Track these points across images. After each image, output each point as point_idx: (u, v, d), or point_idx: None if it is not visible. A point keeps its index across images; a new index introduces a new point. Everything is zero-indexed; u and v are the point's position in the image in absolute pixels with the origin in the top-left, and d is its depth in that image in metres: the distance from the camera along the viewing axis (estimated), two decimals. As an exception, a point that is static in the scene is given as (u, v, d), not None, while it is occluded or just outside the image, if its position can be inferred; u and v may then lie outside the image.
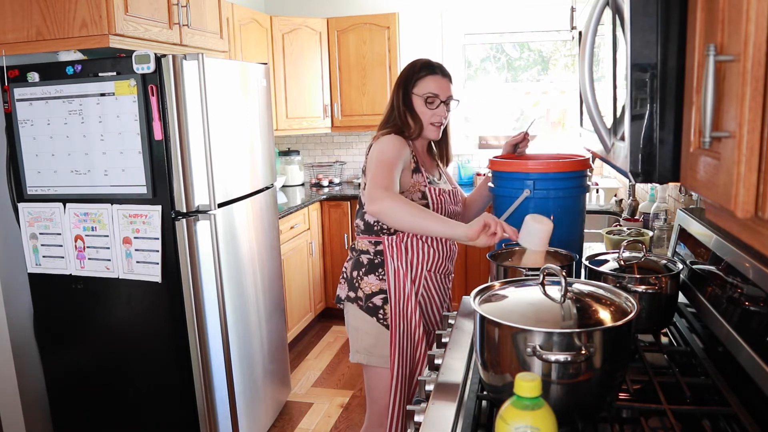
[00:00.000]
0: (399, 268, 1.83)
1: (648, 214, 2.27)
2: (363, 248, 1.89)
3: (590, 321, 1.00)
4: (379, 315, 1.85)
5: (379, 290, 1.85)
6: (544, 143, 4.16)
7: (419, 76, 1.82)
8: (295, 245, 3.65)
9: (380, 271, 1.85)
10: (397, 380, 1.83)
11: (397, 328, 1.82)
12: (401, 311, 1.83)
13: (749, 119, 0.59)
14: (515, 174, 1.79)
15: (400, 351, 1.83)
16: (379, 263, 1.86)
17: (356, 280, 1.89)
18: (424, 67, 1.83)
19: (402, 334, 1.84)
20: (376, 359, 1.87)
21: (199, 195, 2.25)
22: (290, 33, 4.05)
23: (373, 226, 1.86)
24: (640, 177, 0.92)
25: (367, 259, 1.87)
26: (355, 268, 1.90)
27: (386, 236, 1.84)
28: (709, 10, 0.72)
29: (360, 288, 1.87)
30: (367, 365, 1.90)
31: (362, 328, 1.88)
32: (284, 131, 4.11)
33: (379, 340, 1.86)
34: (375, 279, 1.86)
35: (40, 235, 2.34)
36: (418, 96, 1.82)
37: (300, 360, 3.65)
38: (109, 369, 2.38)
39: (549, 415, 0.79)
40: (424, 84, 1.81)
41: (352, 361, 1.93)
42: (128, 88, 2.13)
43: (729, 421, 1.06)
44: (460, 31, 4.28)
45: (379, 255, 1.85)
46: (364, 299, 1.87)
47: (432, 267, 1.88)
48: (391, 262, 1.83)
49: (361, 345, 1.89)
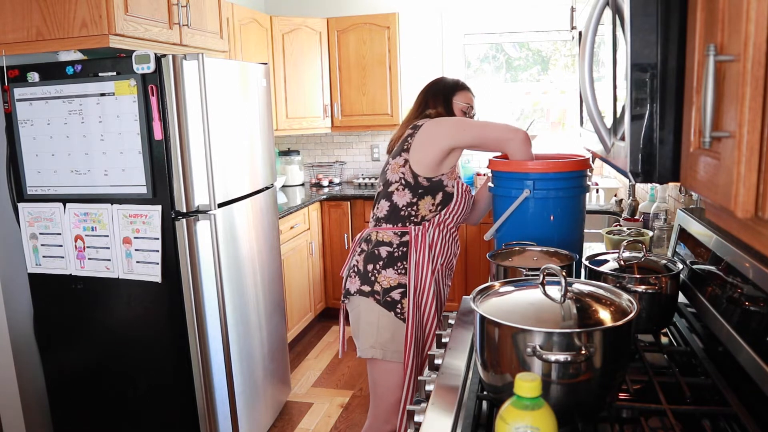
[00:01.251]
0: (421, 259, 1.87)
1: (648, 214, 2.27)
2: (384, 239, 1.90)
3: (590, 321, 1.00)
4: (396, 309, 1.87)
5: (398, 284, 1.88)
6: (544, 143, 4.16)
7: (459, 88, 2.06)
8: (295, 245, 3.65)
9: (399, 265, 1.88)
10: (411, 374, 1.85)
11: (413, 321, 1.85)
12: (418, 304, 1.87)
13: (749, 119, 0.59)
14: (515, 174, 1.79)
15: (415, 345, 1.86)
16: (399, 256, 1.88)
17: (372, 274, 1.90)
18: (460, 83, 2.09)
19: (417, 328, 1.87)
20: (391, 354, 1.89)
21: (199, 195, 2.25)
22: (290, 33, 4.05)
23: (401, 212, 1.89)
24: (640, 177, 0.92)
25: (386, 252, 1.89)
26: (370, 261, 1.91)
27: (413, 226, 1.88)
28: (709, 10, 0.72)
29: (377, 282, 1.89)
30: (379, 360, 1.91)
31: (378, 322, 1.89)
32: (284, 131, 4.11)
33: (395, 335, 1.88)
34: (393, 273, 1.88)
35: (40, 235, 2.34)
36: (458, 104, 2.03)
37: (300, 360, 3.65)
38: (109, 369, 2.38)
39: (549, 415, 0.79)
40: (463, 96, 2.05)
41: (364, 356, 1.92)
42: (128, 88, 2.13)
43: (729, 421, 1.06)
44: (460, 30, 4.28)
45: (403, 246, 1.88)
46: (382, 293, 1.88)
47: (445, 261, 1.95)
48: (414, 253, 1.87)
49: (377, 340, 1.89)
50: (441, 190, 1.89)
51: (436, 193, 1.88)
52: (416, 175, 1.87)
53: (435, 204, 1.89)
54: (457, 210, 1.92)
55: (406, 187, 1.88)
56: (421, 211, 1.88)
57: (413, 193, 1.88)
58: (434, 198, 1.88)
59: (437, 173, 1.88)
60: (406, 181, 1.88)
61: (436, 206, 1.89)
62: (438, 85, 2.07)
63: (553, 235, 1.76)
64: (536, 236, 1.75)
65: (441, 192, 1.89)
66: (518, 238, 1.77)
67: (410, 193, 1.88)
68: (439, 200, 1.89)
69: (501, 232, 1.84)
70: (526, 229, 1.78)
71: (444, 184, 1.89)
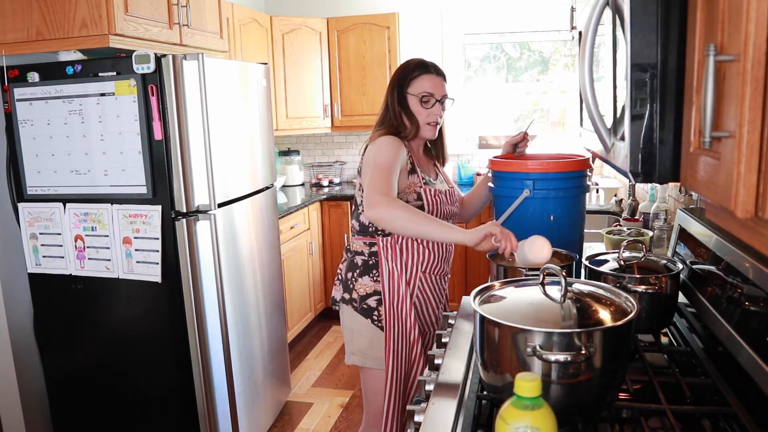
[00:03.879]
0: (393, 269, 1.82)
1: (648, 214, 2.27)
2: (358, 249, 1.88)
3: (590, 321, 1.00)
4: (373, 316, 1.84)
5: (374, 292, 1.85)
6: (544, 143, 4.16)
7: (413, 75, 1.81)
8: (295, 245, 3.65)
9: (374, 273, 1.85)
10: (391, 382, 1.81)
11: (391, 329, 1.81)
12: (395, 313, 1.82)
13: (749, 119, 0.59)
14: (515, 174, 1.79)
15: (395, 353, 1.82)
16: (373, 264, 1.85)
17: (351, 282, 1.88)
18: (417, 67, 1.82)
19: (396, 336, 1.82)
20: (371, 361, 1.86)
21: (199, 195, 2.25)
22: (290, 33, 4.05)
23: (368, 227, 1.85)
24: (640, 177, 0.92)
25: (361, 261, 1.87)
26: (350, 270, 1.89)
27: (381, 237, 1.83)
28: (709, 10, 0.72)
29: (354, 289, 1.87)
30: (363, 367, 1.90)
31: (357, 329, 1.87)
32: (284, 131, 4.11)
33: (373, 342, 1.85)
34: (369, 280, 1.85)
35: (40, 235, 2.34)
36: (413, 95, 1.81)
37: (300, 360, 3.65)
38: (109, 369, 2.38)
39: (549, 415, 0.79)
40: (418, 83, 1.80)
41: (348, 362, 1.93)
42: (128, 88, 2.13)
43: (729, 421, 1.06)
44: (460, 31, 4.28)
45: (374, 256, 1.85)
46: (359, 300, 1.86)
47: (427, 268, 1.87)
48: (385, 264, 1.82)
49: (356, 347, 1.89)
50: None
51: None
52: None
53: None
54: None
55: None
56: None
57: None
58: None
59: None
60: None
61: None
62: (395, 76, 1.85)
63: (553, 235, 1.76)
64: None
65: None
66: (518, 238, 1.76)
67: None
68: None
69: (501, 232, 1.83)
70: (526, 229, 1.78)
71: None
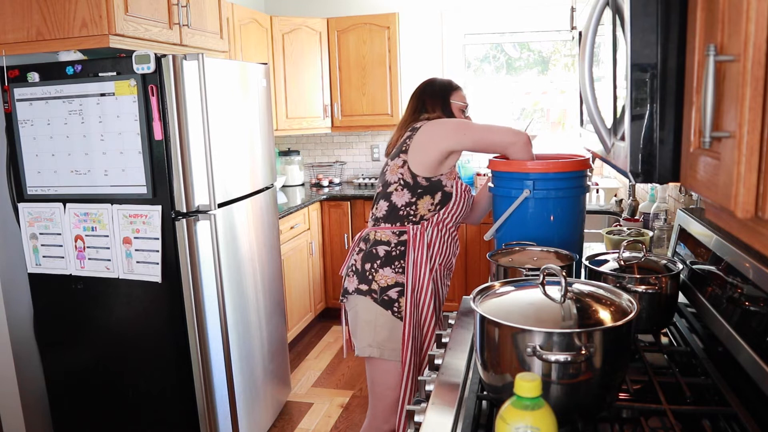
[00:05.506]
0: (419, 258, 1.88)
1: (648, 214, 2.27)
2: (383, 239, 1.91)
3: (590, 321, 1.00)
4: (394, 308, 1.88)
5: (395, 283, 1.88)
6: (544, 143, 4.16)
7: (454, 88, 2.07)
8: (295, 245, 3.65)
9: (396, 264, 1.88)
10: (409, 373, 1.85)
11: (411, 320, 1.85)
12: (416, 303, 1.87)
13: (749, 119, 0.59)
14: (515, 174, 1.79)
15: (413, 344, 1.86)
16: (396, 255, 1.88)
17: (369, 273, 1.90)
18: (454, 83, 2.10)
19: (414, 327, 1.87)
20: (389, 353, 1.89)
21: (199, 195, 2.25)
22: (290, 33, 4.05)
23: (400, 211, 1.89)
24: (640, 177, 0.92)
25: (384, 251, 1.90)
26: (368, 261, 1.92)
27: (411, 225, 1.89)
28: (709, 10, 0.72)
29: (375, 280, 1.89)
30: (377, 359, 1.91)
31: (376, 321, 1.89)
32: (284, 131, 4.11)
33: (393, 333, 1.88)
34: (391, 272, 1.89)
35: (40, 235, 2.34)
36: (455, 104, 2.04)
37: (300, 360, 3.65)
38: (109, 369, 2.38)
39: (549, 415, 0.79)
40: (459, 95, 2.06)
41: (362, 355, 1.93)
42: (128, 88, 2.13)
43: (729, 421, 1.06)
44: (460, 31, 4.28)
45: (401, 245, 1.89)
46: (379, 292, 1.88)
47: (443, 260, 1.95)
48: (412, 252, 1.87)
49: (375, 339, 1.90)
50: (440, 189, 1.89)
51: (434, 193, 1.88)
52: (415, 176, 1.87)
53: (434, 203, 1.89)
54: (456, 209, 1.93)
55: (405, 187, 1.88)
56: (420, 210, 1.89)
57: (412, 193, 1.88)
58: (433, 198, 1.88)
59: (436, 173, 1.88)
60: (404, 182, 1.88)
61: (435, 206, 1.89)
62: (433, 86, 2.06)
63: (553, 235, 1.76)
64: (536, 236, 1.75)
65: (440, 192, 1.89)
66: (518, 238, 1.77)
67: (409, 193, 1.88)
68: (438, 200, 1.89)
69: (501, 232, 1.84)
70: (526, 229, 1.78)
71: (443, 184, 1.90)
